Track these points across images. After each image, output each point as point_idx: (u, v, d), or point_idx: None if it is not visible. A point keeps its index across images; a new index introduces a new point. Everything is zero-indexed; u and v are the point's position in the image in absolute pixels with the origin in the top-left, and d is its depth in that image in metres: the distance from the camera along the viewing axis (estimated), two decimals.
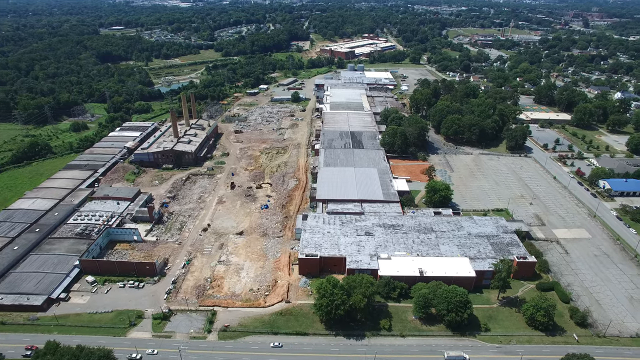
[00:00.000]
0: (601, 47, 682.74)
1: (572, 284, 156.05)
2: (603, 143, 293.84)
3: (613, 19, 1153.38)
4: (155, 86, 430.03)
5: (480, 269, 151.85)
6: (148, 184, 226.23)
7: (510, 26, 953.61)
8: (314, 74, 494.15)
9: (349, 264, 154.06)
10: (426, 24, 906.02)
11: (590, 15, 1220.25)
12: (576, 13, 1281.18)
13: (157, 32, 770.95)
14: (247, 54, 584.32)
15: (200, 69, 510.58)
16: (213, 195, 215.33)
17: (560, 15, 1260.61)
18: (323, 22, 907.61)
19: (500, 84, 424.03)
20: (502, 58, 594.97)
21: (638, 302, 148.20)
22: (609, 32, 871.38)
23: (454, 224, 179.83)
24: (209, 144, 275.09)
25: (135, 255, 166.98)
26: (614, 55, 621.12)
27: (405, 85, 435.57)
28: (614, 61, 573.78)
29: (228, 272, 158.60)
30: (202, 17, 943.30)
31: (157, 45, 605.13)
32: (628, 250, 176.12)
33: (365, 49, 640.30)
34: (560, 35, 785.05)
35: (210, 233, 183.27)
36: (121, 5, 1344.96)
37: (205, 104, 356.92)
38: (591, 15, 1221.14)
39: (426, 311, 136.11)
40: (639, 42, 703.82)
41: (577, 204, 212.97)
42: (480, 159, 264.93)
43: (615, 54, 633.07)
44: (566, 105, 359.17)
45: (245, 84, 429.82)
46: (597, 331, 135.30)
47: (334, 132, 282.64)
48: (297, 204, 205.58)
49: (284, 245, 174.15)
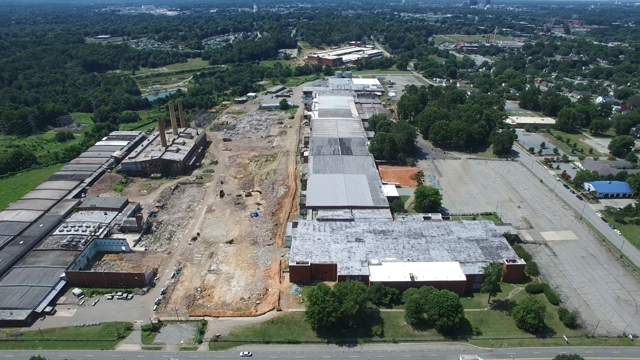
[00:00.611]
0: (582, 53, 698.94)
1: (560, 285, 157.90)
2: (587, 146, 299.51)
3: (592, 25, 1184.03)
4: (142, 95, 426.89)
5: (470, 273, 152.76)
6: (136, 194, 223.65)
7: (495, 33, 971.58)
8: (302, 81, 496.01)
9: (340, 270, 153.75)
10: (412, 31, 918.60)
11: (571, 22, 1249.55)
12: (557, 20, 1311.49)
13: (144, 41, 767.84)
14: (234, 62, 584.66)
15: (188, 77, 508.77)
16: (202, 204, 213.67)
17: (542, 22, 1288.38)
18: (310, 29, 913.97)
19: (486, 89, 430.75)
20: (488, 64, 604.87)
21: (624, 301, 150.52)
22: (589, 39, 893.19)
23: (443, 229, 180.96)
24: (197, 152, 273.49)
25: (123, 266, 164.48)
26: (594, 61, 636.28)
27: (392, 92, 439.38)
28: (595, 66, 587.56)
29: (218, 281, 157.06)
30: (189, 25, 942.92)
31: (144, 54, 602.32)
32: (613, 251, 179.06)
33: (352, 56, 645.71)
34: (543, 42, 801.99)
35: (200, 242, 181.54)
36: (107, 14, 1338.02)
37: (193, 113, 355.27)
38: (571, 22, 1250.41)
39: (418, 316, 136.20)
40: (617, 48, 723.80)
41: (563, 207, 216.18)
42: (468, 164, 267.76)
43: (596, 59, 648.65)
44: (550, 109, 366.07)
45: (233, 92, 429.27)
46: (586, 332, 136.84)
47: (322, 139, 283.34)
48: (287, 212, 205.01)
49: (274, 253, 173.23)
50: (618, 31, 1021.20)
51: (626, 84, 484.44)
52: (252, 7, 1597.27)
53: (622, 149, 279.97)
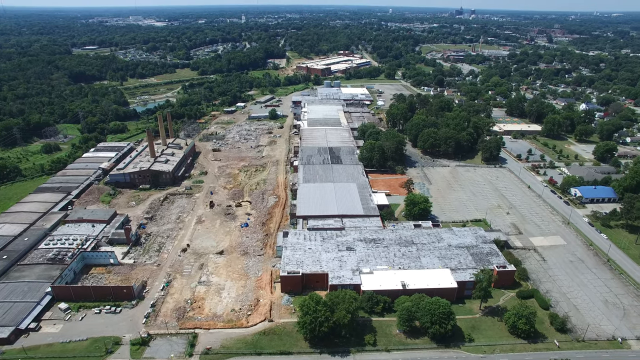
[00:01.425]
0: (565, 61, 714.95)
1: (550, 290, 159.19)
2: (572, 152, 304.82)
3: (573, 35, 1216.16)
4: (130, 106, 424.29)
5: (461, 280, 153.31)
6: (124, 205, 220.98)
7: (480, 42, 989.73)
8: (290, 91, 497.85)
9: (332, 279, 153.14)
10: (400, 41, 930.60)
11: (553, 32, 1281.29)
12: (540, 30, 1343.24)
13: (132, 52, 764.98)
14: (223, 72, 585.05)
15: (177, 88, 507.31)
16: (192, 215, 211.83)
17: (526, 31, 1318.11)
18: (299, 40, 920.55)
19: (473, 98, 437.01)
20: (474, 72, 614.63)
21: (612, 305, 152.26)
22: (571, 48, 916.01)
23: (434, 236, 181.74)
24: (186, 163, 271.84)
25: (111, 279, 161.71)
26: (576, 69, 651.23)
27: (381, 101, 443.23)
28: (577, 74, 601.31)
29: (209, 293, 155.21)
30: (177, 36, 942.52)
31: (132, 65, 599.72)
32: (600, 255, 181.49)
33: (341, 66, 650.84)
34: (527, 50, 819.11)
35: (190, 253, 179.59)
36: (94, 25, 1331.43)
37: (182, 123, 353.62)
38: (554, 32, 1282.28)
39: (410, 324, 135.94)
40: (597, 57, 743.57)
41: (551, 212, 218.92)
42: (457, 171, 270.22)
43: (578, 67, 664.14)
44: (536, 116, 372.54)
45: (222, 102, 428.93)
46: (577, 336, 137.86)
47: (312, 148, 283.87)
48: (278, 221, 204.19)
49: (265, 264, 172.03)
50: (598, 40, 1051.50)
51: (607, 91, 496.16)
52: (241, 17, 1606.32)
53: (605, 155, 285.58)
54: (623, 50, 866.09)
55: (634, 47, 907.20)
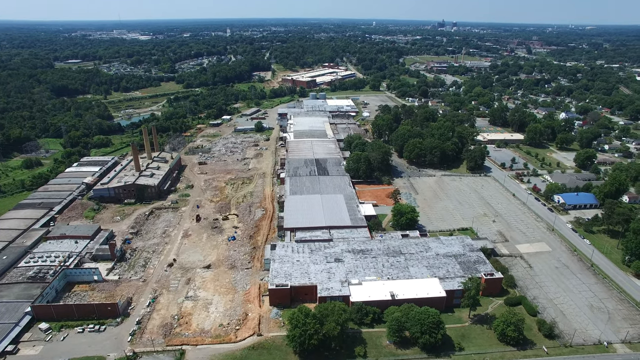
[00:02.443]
0: (544, 72, 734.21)
1: (537, 297, 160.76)
2: (554, 160, 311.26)
3: (551, 46, 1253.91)
4: (115, 119, 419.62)
5: (450, 289, 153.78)
6: (109, 221, 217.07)
7: (463, 53, 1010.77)
8: (276, 103, 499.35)
9: (320, 291, 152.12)
10: (384, 53, 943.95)
11: (532, 43, 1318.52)
12: (519, 41, 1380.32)
13: (116, 65, 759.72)
14: (209, 85, 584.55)
15: (162, 101, 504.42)
16: (178, 229, 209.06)
17: (506, 43, 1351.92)
18: (284, 52, 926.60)
19: (457, 108, 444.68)
20: (457, 83, 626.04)
21: (597, 309, 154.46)
22: (549, 58, 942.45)
23: (421, 246, 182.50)
24: (172, 176, 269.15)
25: (95, 297, 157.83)
26: (555, 79, 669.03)
27: (366, 112, 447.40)
28: (556, 84, 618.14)
29: (196, 308, 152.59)
30: (162, 49, 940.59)
31: (116, 78, 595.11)
32: (584, 261, 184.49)
33: (326, 78, 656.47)
34: (508, 61, 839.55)
35: (177, 268, 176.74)
36: (77, 38, 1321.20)
37: (167, 137, 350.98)
38: (532, 43, 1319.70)
39: (400, 335, 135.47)
40: (574, 67, 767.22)
41: (536, 219, 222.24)
42: (443, 180, 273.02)
43: (557, 77, 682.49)
44: (519, 125, 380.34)
45: (208, 115, 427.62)
46: (564, 341, 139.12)
47: (298, 160, 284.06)
48: (265, 234, 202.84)
49: (253, 277, 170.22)
50: (574, 52, 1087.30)
51: (585, 100, 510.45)
52: (226, 31, 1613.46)
53: (586, 162, 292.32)
54: (598, 61, 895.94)
55: (607, 58, 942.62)
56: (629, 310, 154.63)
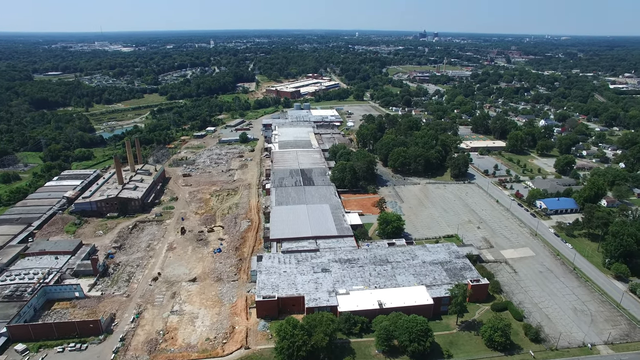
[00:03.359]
0: (523, 81, 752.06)
1: (523, 301, 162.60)
2: (535, 166, 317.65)
3: (529, 56, 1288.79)
4: (97, 132, 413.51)
5: (437, 296, 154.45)
6: (91, 235, 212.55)
7: (444, 63, 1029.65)
8: (261, 114, 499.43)
9: (308, 302, 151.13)
10: (367, 63, 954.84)
11: (511, 53, 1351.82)
12: (499, 51, 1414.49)
13: (98, 77, 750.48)
14: (192, 96, 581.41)
15: (145, 113, 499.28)
16: (163, 242, 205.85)
17: (486, 52, 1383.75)
18: (268, 63, 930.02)
19: (439, 116, 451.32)
20: (440, 92, 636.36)
21: (581, 312, 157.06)
22: (528, 67, 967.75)
23: (408, 254, 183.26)
24: (156, 189, 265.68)
25: (77, 314, 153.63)
26: (534, 88, 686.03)
27: (351, 122, 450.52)
28: (535, 93, 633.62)
29: (182, 322, 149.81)
30: (145, 61, 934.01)
31: (98, 90, 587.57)
32: (567, 264, 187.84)
33: (310, 88, 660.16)
34: (488, 71, 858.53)
35: (161, 282, 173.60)
36: (57, 50, 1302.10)
37: (151, 149, 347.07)
38: (511, 53, 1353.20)
39: (389, 344, 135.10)
40: (552, 76, 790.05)
41: (519, 225, 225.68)
42: (428, 188, 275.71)
43: (535, 86, 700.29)
44: (500, 133, 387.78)
45: (192, 127, 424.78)
46: (550, 345, 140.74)
47: (284, 170, 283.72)
48: (251, 245, 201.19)
49: (239, 289, 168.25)
50: (551, 61, 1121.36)
51: (563, 108, 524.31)
52: (209, 42, 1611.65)
53: (565, 167, 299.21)
54: (573, 70, 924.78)
55: (582, 67, 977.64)
56: (610, 311, 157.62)
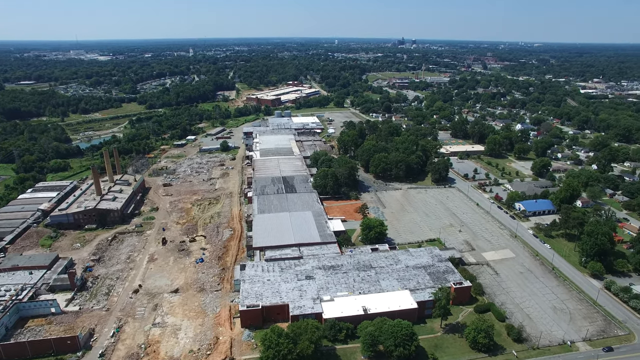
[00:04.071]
0: (499, 86, 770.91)
1: (505, 302, 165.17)
2: (513, 169, 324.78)
3: (504, 62, 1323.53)
4: (73, 142, 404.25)
5: (421, 300, 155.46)
6: (68, 248, 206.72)
7: (423, 69, 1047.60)
8: (241, 122, 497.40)
9: (292, 310, 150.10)
10: (347, 70, 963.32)
11: (487, 59, 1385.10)
12: (475, 57, 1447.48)
13: (74, 86, 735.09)
14: (172, 105, 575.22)
15: (123, 123, 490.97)
16: (143, 254, 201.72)
17: (463, 59, 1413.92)
18: (248, 71, 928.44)
19: (419, 122, 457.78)
20: (419, 98, 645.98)
21: (560, 310, 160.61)
22: (503, 73, 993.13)
23: (391, 259, 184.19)
24: (136, 199, 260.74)
25: (53, 331, 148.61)
26: (510, 93, 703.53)
27: (332, 128, 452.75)
28: (511, 97, 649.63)
29: (164, 335, 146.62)
30: (123, 70, 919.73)
31: (74, 100, 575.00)
32: (546, 264, 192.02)
33: (290, 96, 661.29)
34: (466, 77, 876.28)
35: (143, 294, 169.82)
36: (30, 59, 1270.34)
37: (130, 159, 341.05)
38: (487, 59, 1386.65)
39: (374, 349, 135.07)
40: (526, 81, 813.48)
41: (499, 227, 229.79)
42: (409, 193, 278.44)
43: (511, 91, 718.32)
44: (479, 137, 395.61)
45: (171, 136, 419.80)
46: (532, 344, 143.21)
47: (265, 178, 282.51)
48: (234, 254, 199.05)
49: (223, 299, 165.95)
50: (525, 67, 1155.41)
51: (538, 112, 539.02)
52: (188, 51, 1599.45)
53: (542, 170, 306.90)
54: (546, 75, 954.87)
55: (554, 73, 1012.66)
56: (587, 309, 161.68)
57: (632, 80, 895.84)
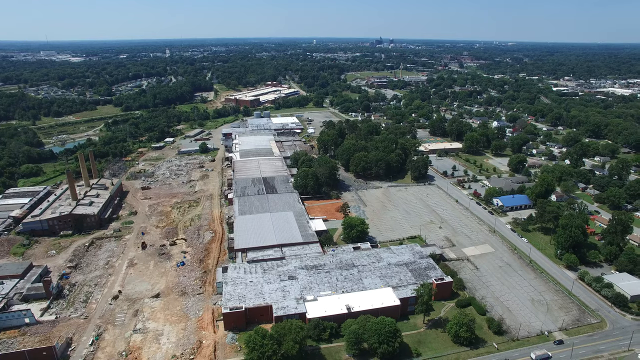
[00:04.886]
0: (476, 84, 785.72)
1: (485, 296, 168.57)
2: (490, 166, 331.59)
3: (480, 61, 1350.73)
4: (46, 146, 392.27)
5: (404, 297, 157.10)
6: (42, 256, 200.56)
7: (401, 68, 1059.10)
8: (220, 123, 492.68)
9: (276, 311, 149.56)
10: (325, 70, 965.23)
11: (463, 58, 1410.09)
12: (452, 56, 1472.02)
13: (45, 89, 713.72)
14: (149, 107, 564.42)
15: (99, 126, 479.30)
16: (122, 259, 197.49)
17: (440, 58, 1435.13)
18: (226, 72, 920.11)
19: (398, 120, 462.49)
20: (397, 97, 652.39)
21: (538, 302, 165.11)
22: (479, 72, 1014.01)
23: (373, 257, 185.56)
24: (113, 203, 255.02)
25: (27, 342, 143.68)
26: (486, 91, 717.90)
27: (311, 128, 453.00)
28: (487, 95, 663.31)
29: (146, 341, 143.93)
30: (97, 71, 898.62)
31: (46, 103, 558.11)
32: (524, 258, 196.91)
33: (269, 96, 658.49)
34: (443, 75, 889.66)
35: (122, 300, 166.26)
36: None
37: (106, 162, 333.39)
38: (464, 58, 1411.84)
39: (358, 347, 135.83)
40: (501, 80, 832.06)
41: (478, 222, 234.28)
42: (390, 192, 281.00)
43: (487, 89, 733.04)
44: (456, 135, 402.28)
45: (149, 138, 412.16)
46: (512, 336, 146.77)
47: (246, 179, 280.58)
48: (216, 257, 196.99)
49: (205, 302, 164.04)
50: (500, 66, 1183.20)
51: (513, 109, 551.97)
52: (165, 51, 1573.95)
53: (518, 166, 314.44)
54: (520, 74, 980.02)
55: (528, 71, 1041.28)
56: (563, 299, 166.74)
57: (600, 78, 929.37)
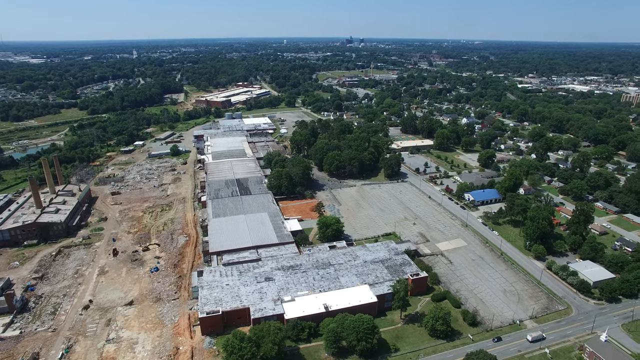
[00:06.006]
0: (445, 82, 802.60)
1: (459, 289, 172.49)
2: (461, 162, 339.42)
3: (448, 59, 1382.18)
4: (5, 153, 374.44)
5: (380, 293, 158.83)
6: (4, 268, 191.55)
7: (371, 67, 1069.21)
8: (191, 125, 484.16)
9: (254, 313, 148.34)
10: (297, 70, 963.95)
11: (432, 57, 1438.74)
12: (421, 55, 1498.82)
13: (2, 92, 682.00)
14: (117, 110, 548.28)
15: (64, 130, 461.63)
16: (93, 267, 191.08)
17: (410, 56, 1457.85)
18: (196, 73, 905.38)
19: (370, 119, 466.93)
20: (369, 96, 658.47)
21: (509, 293, 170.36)
22: (448, 70, 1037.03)
23: (349, 255, 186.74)
24: (81, 210, 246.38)
25: None
26: (455, 88, 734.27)
27: (284, 129, 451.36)
28: (456, 93, 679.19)
29: (120, 351, 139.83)
30: (60, 73, 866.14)
31: (4, 107, 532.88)
32: (495, 251, 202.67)
33: (241, 97, 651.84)
34: (413, 74, 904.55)
35: (94, 310, 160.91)
36: None
37: (73, 167, 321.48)
38: (432, 57, 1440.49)
39: (337, 345, 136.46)
40: (469, 77, 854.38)
41: (451, 218, 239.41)
42: (364, 190, 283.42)
43: (456, 87, 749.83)
44: (428, 132, 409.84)
45: (118, 142, 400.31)
46: (486, 327, 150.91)
47: (219, 181, 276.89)
48: (190, 261, 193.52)
49: (181, 307, 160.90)
50: (467, 64, 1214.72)
51: (481, 106, 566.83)
52: (132, 53, 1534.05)
53: (488, 161, 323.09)
54: (487, 71, 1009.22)
55: (494, 69, 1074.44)
56: (533, 289, 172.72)
57: (561, 76, 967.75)
